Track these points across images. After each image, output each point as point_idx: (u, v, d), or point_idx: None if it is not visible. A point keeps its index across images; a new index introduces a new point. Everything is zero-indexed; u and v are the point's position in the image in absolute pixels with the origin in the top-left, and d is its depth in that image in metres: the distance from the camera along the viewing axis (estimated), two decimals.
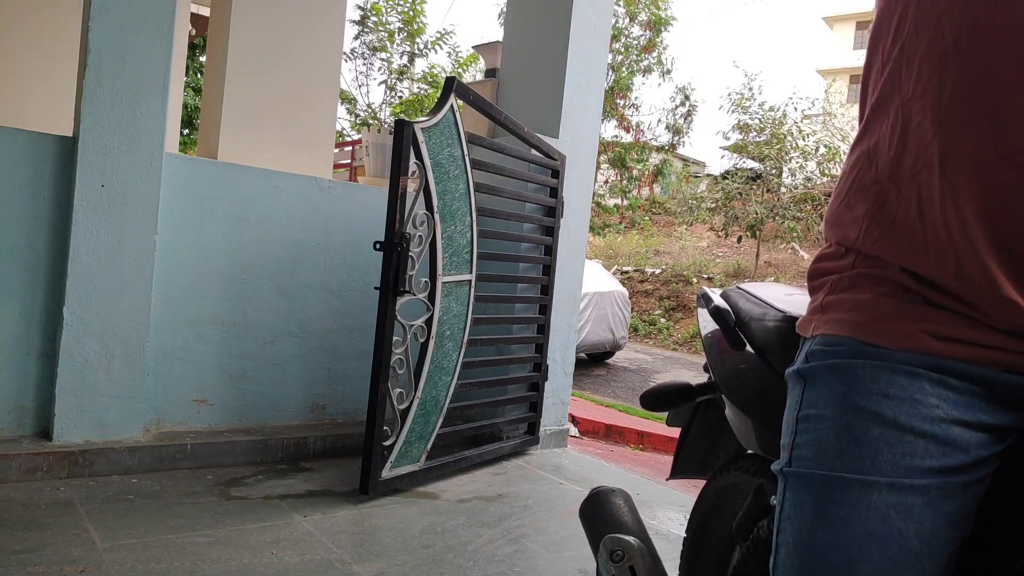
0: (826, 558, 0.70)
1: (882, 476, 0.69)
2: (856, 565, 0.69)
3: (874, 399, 0.71)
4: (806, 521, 0.72)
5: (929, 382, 0.70)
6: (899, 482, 0.69)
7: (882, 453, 0.70)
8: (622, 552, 1.13)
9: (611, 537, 1.18)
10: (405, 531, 2.45)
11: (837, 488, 0.71)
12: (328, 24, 3.93)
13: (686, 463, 1.48)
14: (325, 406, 3.40)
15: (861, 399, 0.72)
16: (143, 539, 2.15)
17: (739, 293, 1.25)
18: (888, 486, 0.69)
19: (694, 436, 1.46)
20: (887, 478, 0.69)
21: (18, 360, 2.62)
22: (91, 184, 2.62)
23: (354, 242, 3.38)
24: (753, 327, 1.15)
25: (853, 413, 0.72)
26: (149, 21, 2.68)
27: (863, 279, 0.77)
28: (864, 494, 0.69)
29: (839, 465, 0.71)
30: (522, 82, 3.84)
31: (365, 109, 12.98)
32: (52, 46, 4.65)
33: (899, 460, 0.69)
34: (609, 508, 1.27)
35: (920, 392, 0.70)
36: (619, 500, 1.29)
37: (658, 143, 18.70)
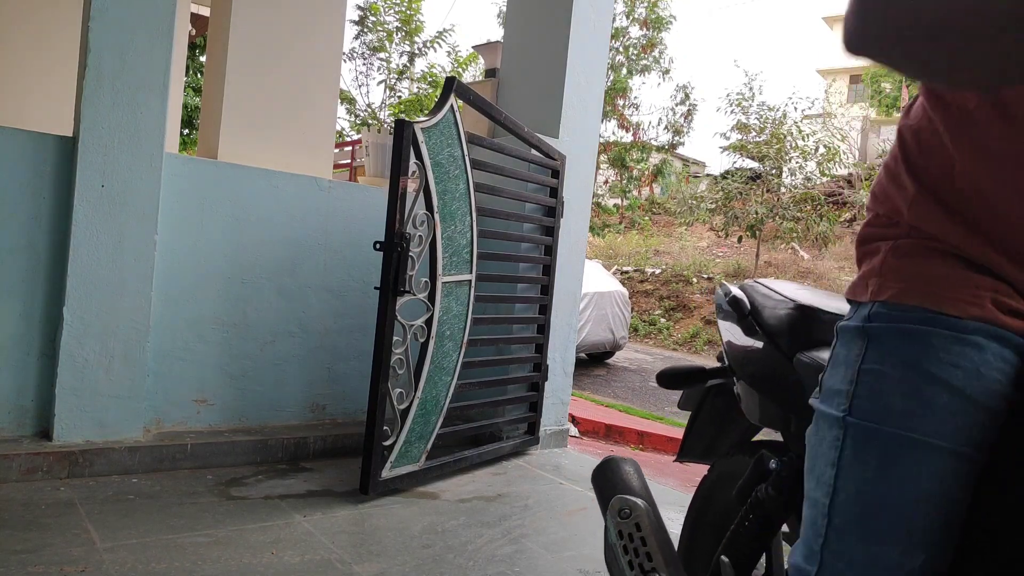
0: (884, 510, 0.75)
1: (945, 442, 0.73)
2: (911, 521, 0.74)
3: (945, 368, 0.74)
4: (869, 473, 0.76)
5: (992, 355, 0.73)
6: (959, 450, 0.73)
7: (948, 420, 0.73)
8: (629, 510, 1.19)
9: (619, 497, 1.27)
10: (405, 531, 2.45)
11: (903, 447, 0.74)
12: (328, 24, 3.93)
13: (693, 447, 1.54)
14: (325, 406, 3.40)
15: (932, 366, 0.74)
16: (143, 539, 2.15)
17: (753, 285, 1.34)
18: (950, 452, 0.73)
19: (703, 421, 1.52)
20: (950, 444, 0.73)
21: (18, 360, 2.62)
22: (91, 184, 2.62)
23: (354, 242, 3.38)
24: (765, 314, 1.24)
25: (923, 378, 0.75)
26: (149, 21, 2.68)
27: (921, 248, 0.78)
28: (927, 456, 0.74)
29: (907, 425, 0.74)
30: (522, 82, 3.84)
31: (365, 109, 12.98)
32: (52, 46, 4.65)
33: (962, 429, 0.73)
34: (619, 473, 1.36)
35: (985, 365, 0.73)
36: (628, 467, 1.38)
37: (658, 143, 18.70)
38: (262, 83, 3.64)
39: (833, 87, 23.05)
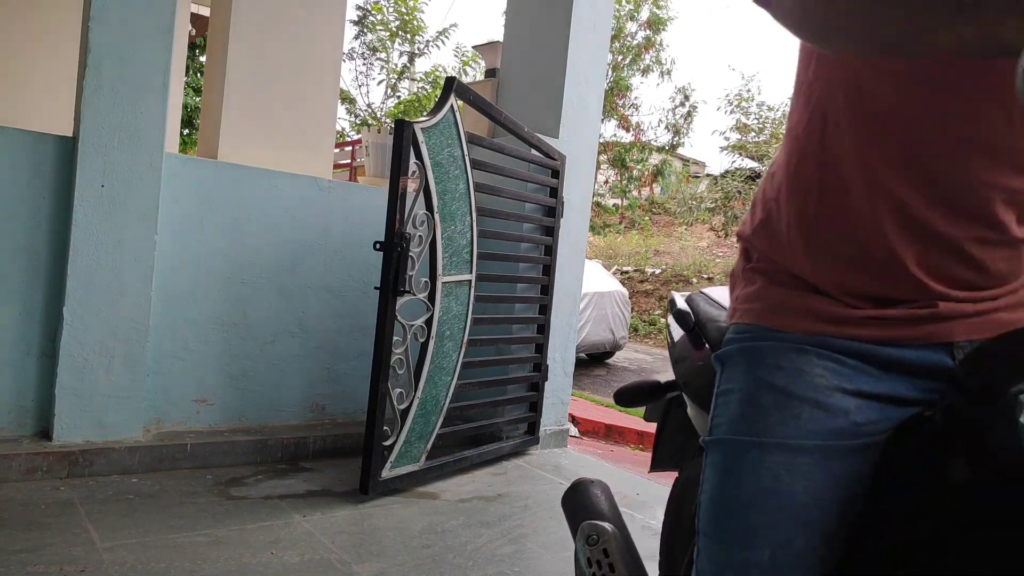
0: (732, 510, 0.81)
1: (773, 438, 0.80)
2: (755, 516, 0.79)
3: (770, 371, 0.82)
4: (717, 480, 0.83)
5: (816, 356, 0.81)
6: (787, 443, 0.79)
7: (773, 417, 0.80)
8: (597, 536, 1.20)
9: (588, 523, 1.28)
10: (405, 531, 2.45)
11: (739, 450, 0.82)
12: (328, 24, 3.93)
13: (663, 456, 1.54)
14: (325, 406, 3.40)
15: (760, 372, 0.83)
16: (143, 539, 2.15)
17: (701, 296, 1.31)
18: (777, 447, 0.79)
19: (669, 431, 1.52)
20: (776, 439, 0.79)
21: (18, 360, 2.62)
22: (91, 184, 2.62)
23: (354, 242, 3.38)
24: (709, 327, 1.21)
25: (754, 384, 0.83)
26: (149, 21, 2.68)
27: (758, 274, 0.90)
28: (760, 455, 0.80)
29: (742, 429, 0.82)
30: (522, 82, 3.84)
31: (365, 109, 12.98)
32: (52, 46, 4.65)
33: (787, 423, 0.79)
34: (588, 497, 1.38)
35: (807, 364, 0.81)
36: (597, 490, 1.39)
37: (658, 143, 18.70)
38: (262, 83, 3.64)
39: None
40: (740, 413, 0.83)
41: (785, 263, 0.87)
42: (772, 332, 0.85)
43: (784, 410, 0.80)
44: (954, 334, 0.80)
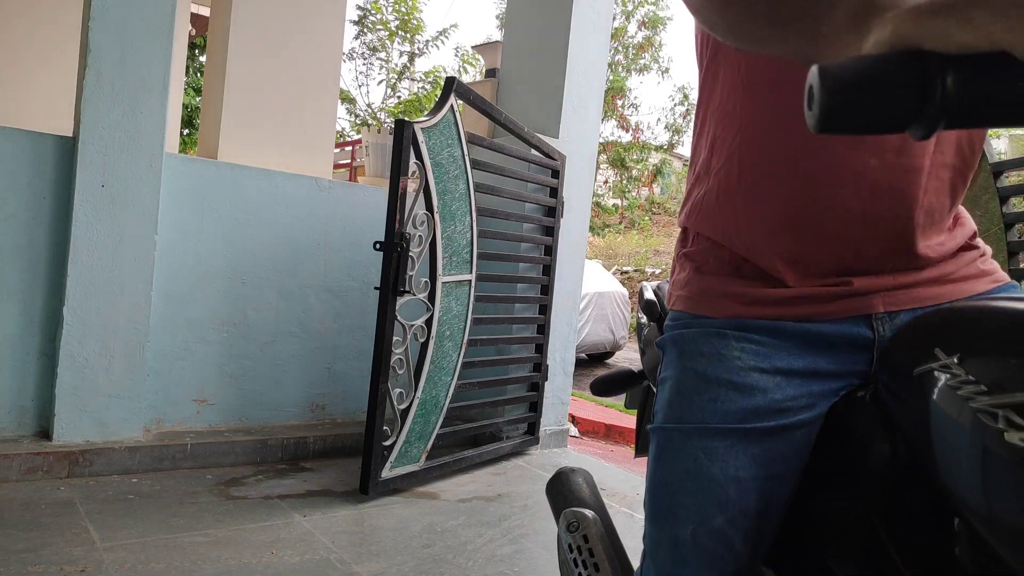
0: (661, 493, 0.85)
1: (694, 423, 0.83)
2: (678, 498, 0.83)
3: (694, 358, 0.85)
4: (651, 465, 0.87)
5: (734, 339, 0.83)
6: (705, 427, 0.82)
7: (694, 402, 0.83)
8: (577, 523, 1.24)
9: (569, 510, 1.31)
10: (405, 531, 2.45)
11: (666, 436, 0.86)
12: (328, 24, 3.93)
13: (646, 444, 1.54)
14: (325, 406, 3.40)
15: (686, 360, 0.86)
16: (143, 539, 2.15)
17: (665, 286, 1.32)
18: (697, 431, 0.82)
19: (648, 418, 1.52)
20: (696, 424, 0.82)
21: (18, 360, 2.62)
22: (91, 184, 2.62)
23: (354, 242, 3.38)
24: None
25: (681, 372, 0.86)
26: (149, 21, 2.68)
27: (688, 260, 0.92)
28: (681, 440, 0.83)
29: (670, 416, 0.86)
30: (522, 82, 3.84)
31: (365, 109, 12.98)
32: (52, 46, 4.65)
33: (706, 406, 0.82)
34: (570, 485, 1.41)
35: (726, 348, 0.83)
36: (579, 479, 1.43)
37: (657, 143, 18.70)
38: (262, 83, 3.64)
39: None
40: (669, 400, 0.87)
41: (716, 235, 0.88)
42: (697, 319, 0.88)
43: (703, 394, 0.83)
44: (872, 307, 0.81)
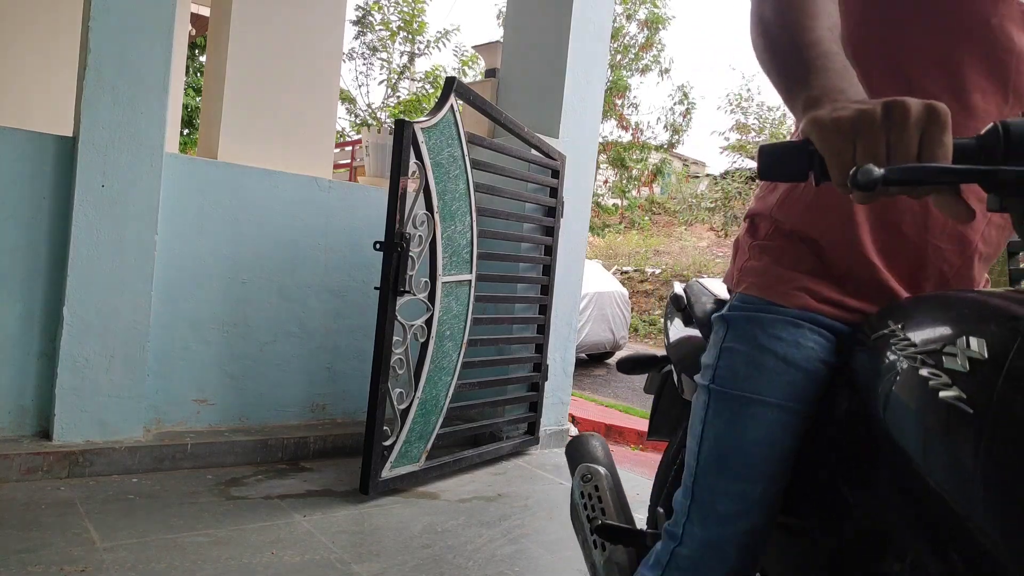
0: (732, 452, 0.96)
1: (773, 398, 0.94)
2: (749, 459, 0.95)
3: (772, 341, 0.96)
4: (723, 426, 0.97)
5: (808, 331, 0.95)
6: (784, 404, 0.94)
7: (774, 381, 0.94)
8: (590, 475, 1.39)
9: (584, 465, 1.54)
10: (405, 531, 2.45)
11: (744, 404, 0.96)
12: (328, 24, 3.93)
13: (659, 426, 1.68)
14: (325, 406, 3.40)
15: (764, 340, 0.96)
16: (143, 539, 2.15)
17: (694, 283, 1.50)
18: (775, 406, 0.94)
19: (665, 402, 1.66)
20: (776, 400, 0.94)
21: (18, 360, 2.62)
22: (91, 184, 2.62)
23: (354, 242, 3.38)
24: (696, 308, 1.38)
25: (757, 350, 0.96)
26: (149, 21, 2.68)
27: (765, 252, 1.03)
28: (760, 410, 0.94)
29: (747, 387, 0.96)
30: (522, 82, 3.83)
31: (365, 109, 12.98)
32: (52, 46, 4.65)
33: (785, 387, 0.94)
34: (587, 447, 1.63)
35: (802, 337, 0.95)
36: (595, 442, 1.65)
37: (657, 143, 18.69)
38: (262, 83, 3.64)
39: None
40: (745, 372, 0.96)
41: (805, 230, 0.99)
42: (774, 306, 0.98)
43: (783, 375, 0.94)
44: None
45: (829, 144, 0.64)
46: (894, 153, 0.61)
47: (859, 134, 0.62)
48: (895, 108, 0.61)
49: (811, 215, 0.99)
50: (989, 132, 0.62)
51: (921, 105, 0.61)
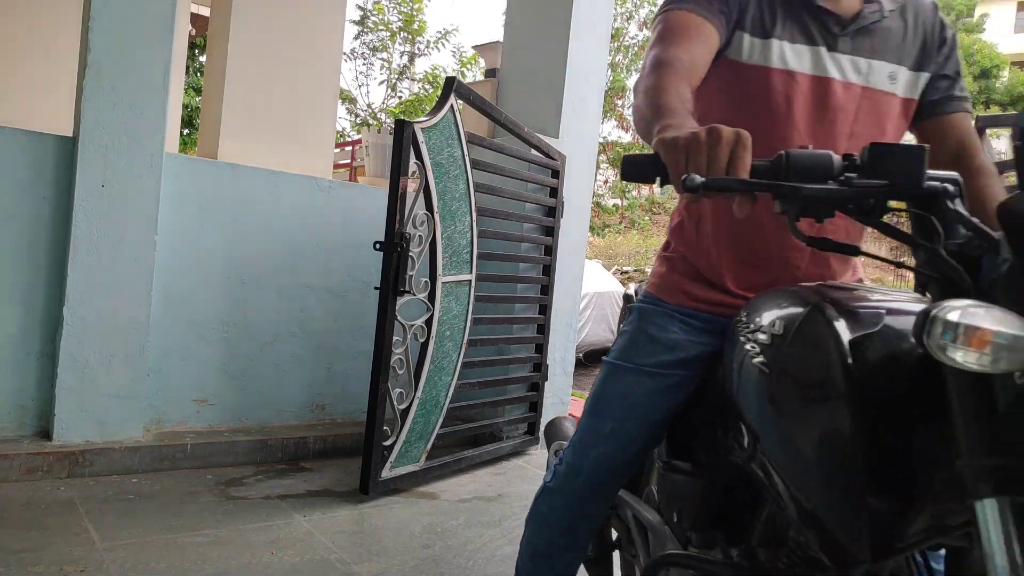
0: (601, 401, 1.33)
1: (636, 364, 1.29)
2: (610, 405, 1.31)
3: (650, 326, 1.32)
4: (601, 384, 1.34)
5: (680, 321, 1.30)
6: (640, 367, 1.29)
7: (639, 352, 1.30)
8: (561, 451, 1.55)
9: (557, 443, 1.78)
10: (405, 531, 2.45)
11: (620, 369, 1.32)
12: (328, 24, 3.93)
13: None
14: (325, 406, 3.40)
15: (644, 325, 1.33)
16: (143, 539, 2.15)
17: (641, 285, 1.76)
18: (635, 369, 1.29)
19: None
20: (636, 365, 1.29)
21: (18, 360, 2.62)
22: (91, 184, 2.61)
23: (354, 242, 3.38)
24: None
25: (639, 332, 1.33)
26: (149, 21, 2.68)
27: (667, 261, 1.38)
28: (624, 372, 1.31)
29: (624, 357, 1.32)
30: (522, 82, 3.83)
31: (365, 109, 12.97)
32: (52, 46, 4.64)
33: (645, 357, 1.29)
34: (561, 427, 1.86)
35: (672, 325, 1.30)
36: (568, 423, 1.85)
37: None
38: (262, 83, 3.64)
39: None
40: (623, 347, 1.34)
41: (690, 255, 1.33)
42: (662, 302, 1.34)
43: (646, 347, 1.30)
44: None
45: (668, 157, 0.85)
46: (711, 166, 0.81)
47: (688, 151, 0.83)
48: (712, 132, 0.82)
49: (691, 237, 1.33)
50: (777, 157, 0.84)
51: (732, 131, 0.82)
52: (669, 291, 1.33)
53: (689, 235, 1.33)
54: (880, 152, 0.81)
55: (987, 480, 0.69)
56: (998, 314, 0.66)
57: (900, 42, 1.25)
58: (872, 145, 0.81)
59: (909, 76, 1.26)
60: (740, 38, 1.21)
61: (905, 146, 0.82)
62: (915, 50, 1.26)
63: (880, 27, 1.24)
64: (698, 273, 1.31)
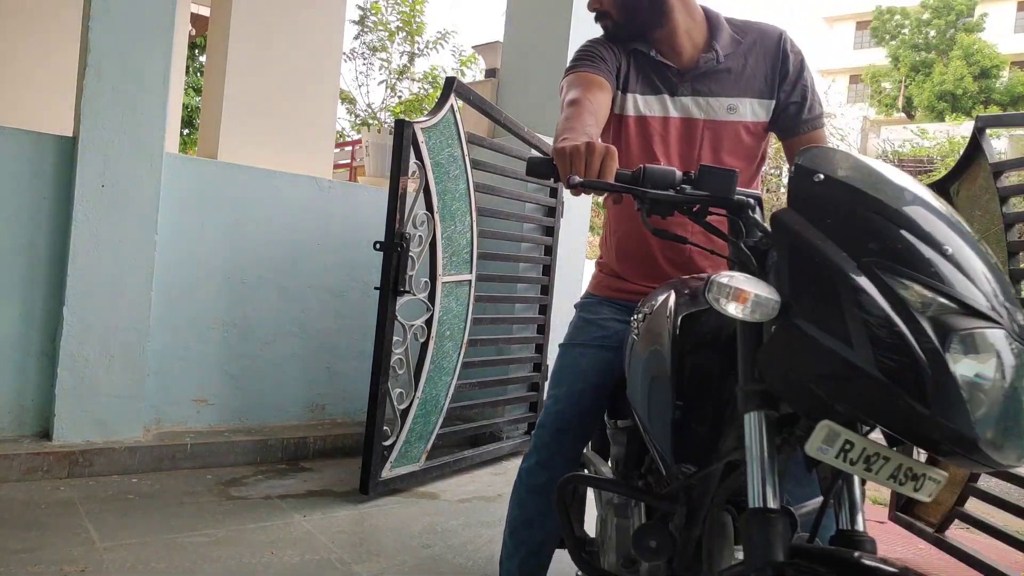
0: (557, 373, 1.69)
1: (577, 341, 1.69)
2: (564, 375, 1.67)
3: (584, 312, 1.72)
4: (556, 362, 1.72)
5: (605, 307, 1.68)
6: (582, 343, 1.67)
7: (580, 333, 1.69)
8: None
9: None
10: (405, 531, 2.45)
11: (566, 349, 1.71)
12: (328, 24, 3.93)
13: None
14: (325, 406, 3.40)
15: (582, 312, 1.73)
16: (143, 539, 2.15)
17: None
18: (579, 345, 1.67)
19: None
20: (579, 342, 1.68)
21: (18, 360, 2.62)
22: (91, 184, 2.62)
23: (354, 242, 3.38)
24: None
25: (579, 319, 1.73)
26: (149, 21, 2.68)
27: (598, 267, 1.77)
28: (571, 349, 1.69)
29: (567, 339, 1.72)
30: (522, 82, 3.83)
31: (365, 109, 12.97)
32: (52, 46, 4.65)
33: (584, 335, 1.68)
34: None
35: (601, 308, 1.69)
36: None
37: None
38: (262, 83, 3.64)
39: (833, 87, 23.06)
40: (569, 332, 1.73)
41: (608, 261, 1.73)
42: (593, 295, 1.73)
43: (583, 328, 1.69)
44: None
45: (558, 162, 1.14)
46: (587, 171, 1.11)
47: (572, 158, 1.12)
48: (589, 146, 1.11)
49: (608, 246, 1.73)
50: (637, 169, 1.11)
51: (603, 146, 1.11)
52: (598, 287, 1.73)
53: (607, 245, 1.74)
54: (705, 171, 1.09)
55: (752, 400, 0.97)
56: (756, 282, 0.91)
57: (739, 79, 1.59)
58: (701, 166, 1.09)
59: (753, 104, 1.60)
60: (616, 95, 1.62)
61: (723, 169, 1.09)
62: (757, 83, 1.59)
63: (717, 71, 1.58)
64: (612, 271, 1.70)
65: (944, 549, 2.50)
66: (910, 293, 0.85)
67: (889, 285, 0.85)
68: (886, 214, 0.91)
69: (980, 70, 25.20)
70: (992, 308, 0.85)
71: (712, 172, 1.09)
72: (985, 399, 0.81)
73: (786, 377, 0.91)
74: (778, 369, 0.92)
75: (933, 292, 0.84)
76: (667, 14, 1.57)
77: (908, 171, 7.20)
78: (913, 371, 0.81)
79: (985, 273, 0.88)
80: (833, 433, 0.86)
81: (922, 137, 19.61)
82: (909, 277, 0.86)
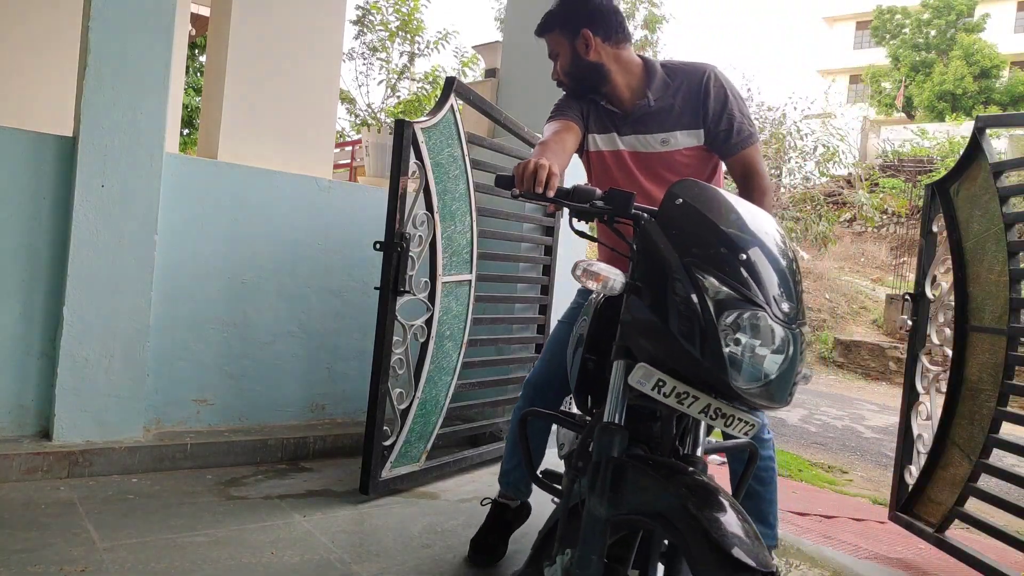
0: (548, 342, 2.23)
1: (564, 320, 2.20)
2: (550, 345, 2.20)
3: (579, 296, 2.21)
4: (551, 334, 2.24)
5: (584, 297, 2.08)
6: (566, 321, 2.16)
7: (570, 312, 2.19)
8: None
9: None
10: (405, 531, 2.45)
11: (558, 325, 2.21)
12: (328, 24, 3.93)
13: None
14: (325, 406, 3.40)
15: (578, 296, 2.21)
16: (143, 539, 2.15)
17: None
18: (563, 322, 2.18)
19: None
20: (564, 320, 2.20)
21: (18, 360, 2.62)
22: (91, 184, 2.62)
23: (354, 242, 3.38)
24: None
25: (575, 300, 2.22)
26: (149, 21, 2.68)
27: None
28: (560, 325, 2.20)
29: (561, 318, 2.22)
30: (522, 82, 3.83)
31: (365, 109, 12.97)
32: (52, 46, 4.65)
33: (570, 315, 2.18)
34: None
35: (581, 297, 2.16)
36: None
37: None
38: (262, 83, 3.64)
39: (833, 87, 23.07)
40: (564, 314, 2.19)
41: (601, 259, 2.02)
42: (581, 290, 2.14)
43: (573, 309, 2.16)
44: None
45: (516, 176, 1.52)
46: (535, 184, 1.48)
47: (524, 173, 1.50)
48: (538, 164, 1.50)
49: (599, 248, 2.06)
50: (573, 187, 1.47)
51: (548, 164, 1.49)
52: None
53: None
54: (612, 192, 1.43)
55: (619, 352, 1.36)
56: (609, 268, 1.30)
57: (668, 116, 1.97)
58: (609, 189, 1.43)
59: (684, 135, 1.98)
60: (584, 136, 2.07)
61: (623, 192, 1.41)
62: (686, 117, 1.96)
63: (650, 112, 1.99)
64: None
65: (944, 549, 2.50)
66: (708, 284, 1.23)
67: (697, 277, 1.24)
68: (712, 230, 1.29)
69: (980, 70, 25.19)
70: (762, 298, 1.22)
71: (616, 193, 1.42)
72: (740, 357, 1.20)
73: (631, 336, 1.32)
74: (628, 331, 1.33)
75: (723, 284, 1.22)
76: (606, 76, 1.99)
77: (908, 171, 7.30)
78: (699, 335, 1.21)
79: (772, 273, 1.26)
80: (648, 372, 1.25)
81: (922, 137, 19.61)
82: (711, 273, 1.23)
